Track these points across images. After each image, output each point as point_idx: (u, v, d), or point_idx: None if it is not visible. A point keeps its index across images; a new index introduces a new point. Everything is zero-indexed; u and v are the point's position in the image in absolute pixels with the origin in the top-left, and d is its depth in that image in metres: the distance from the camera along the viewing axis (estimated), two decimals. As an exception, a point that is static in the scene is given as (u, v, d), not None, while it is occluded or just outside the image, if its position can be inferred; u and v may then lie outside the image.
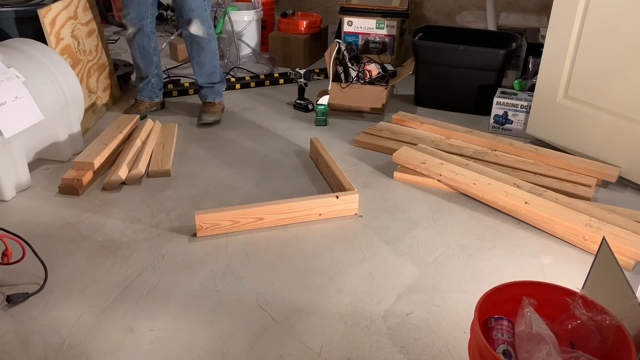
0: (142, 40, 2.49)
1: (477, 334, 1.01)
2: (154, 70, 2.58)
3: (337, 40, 2.83)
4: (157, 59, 2.58)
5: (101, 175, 2.11)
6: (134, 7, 2.41)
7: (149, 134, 2.32)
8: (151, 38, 2.51)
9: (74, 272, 1.60)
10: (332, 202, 1.85)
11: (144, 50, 2.51)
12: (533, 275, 1.62)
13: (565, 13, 2.13)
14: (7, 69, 1.94)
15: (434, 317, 1.46)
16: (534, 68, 2.69)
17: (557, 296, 1.11)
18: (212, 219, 1.75)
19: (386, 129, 2.45)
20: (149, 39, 2.50)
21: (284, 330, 1.41)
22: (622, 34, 1.99)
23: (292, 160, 2.27)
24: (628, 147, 2.06)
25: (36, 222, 1.83)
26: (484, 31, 3.05)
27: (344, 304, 1.50)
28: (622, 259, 1.63)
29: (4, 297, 1.49)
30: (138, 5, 2.40)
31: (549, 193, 1.91)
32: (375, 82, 2.66)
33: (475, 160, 2.17)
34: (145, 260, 1.66)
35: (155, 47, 2.55)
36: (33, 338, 1.38)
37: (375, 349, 1.36)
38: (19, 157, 1.96)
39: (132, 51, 2.54)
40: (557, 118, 2.28)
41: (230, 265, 1.65)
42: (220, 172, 2.16)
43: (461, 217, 1.89)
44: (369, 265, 1.65)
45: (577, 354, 1.00)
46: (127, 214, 1.88)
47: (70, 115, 2.18)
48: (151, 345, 1.36)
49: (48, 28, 2.21)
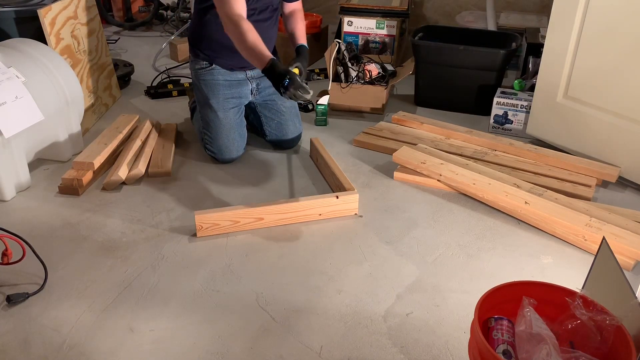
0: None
1: (477, 334, 1.01)
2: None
3: (337, 40, 2.83)
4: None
5: (101, 175, 2.11)
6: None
7: (149, 134, 2.32)
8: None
9: (74, 272, 1.60)
10: (332, 202, 1.85)
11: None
12: (533, 275, 1.62)
13: (565, 13, 2.13)
14: (7, 69, 1.94)
15: (434, 317, 1.46)
16: (534, 68, 2.69)
17: (557, 296, 1.11)
18: (212, 219, 1.75)
19: (386, 129, 2.45)
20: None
21: (284, 330, 1.41)
22: (622, 34, 1.99)
23: (292, 160, 2.27)
24: (628, 147, 2.06)
25: (36, 222, 1.83)
26: (484, 31, 3.05)
27: (344, 304, 1.50)
28: (622, 259, 1.63)
29: (4, 297, 1.49)
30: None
31: (549, 193, 1.91)
32: (375, 82, 2.66)
33: (475, 160, 2.17)
34: (145, 260, 1.66)
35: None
36: (33, 338, 1.38)
37: (375, 349, 1.36)
38: (19, 157, 1.96)
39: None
40: (557, 118, 2.28)
41: (230, 265, 1.65)
42: (220, 172, 2.16)
43: (461, 217, 1.89)
44: (369, 265, 1.65)
45: (577, 354, 1.00)
46: (127, 214, 1.88)
47: (70, 115, 2.18)
48: (151, 345, 1.36)
49: (48, 28, 2.21)
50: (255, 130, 2.38)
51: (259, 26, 2.05)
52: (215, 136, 2.16)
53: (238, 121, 2.20)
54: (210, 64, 2.16)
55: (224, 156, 2.19)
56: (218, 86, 2.16)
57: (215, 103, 2.15)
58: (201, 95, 2.20)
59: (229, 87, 2.18)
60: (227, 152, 2.18)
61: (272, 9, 2.14)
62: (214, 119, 2.16)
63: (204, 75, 2.16)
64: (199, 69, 2.18)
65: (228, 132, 2.16)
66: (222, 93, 2.17)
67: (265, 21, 2.13)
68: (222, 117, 2.15)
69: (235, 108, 2.19)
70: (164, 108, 2.73)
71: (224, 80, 2.17)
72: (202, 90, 2.19)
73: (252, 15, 2.04)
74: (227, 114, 2.15)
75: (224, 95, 2.17)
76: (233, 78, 2.18)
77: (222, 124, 2.15)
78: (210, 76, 2.16)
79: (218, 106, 2.16)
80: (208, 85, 2.16)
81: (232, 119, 2.17)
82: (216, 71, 2.16)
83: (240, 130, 2.20)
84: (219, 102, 2.16)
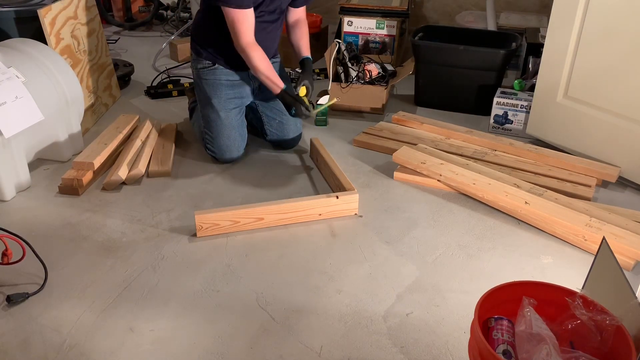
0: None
1: (477, 334, 1.01)
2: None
3: (337, 40, 2.83)
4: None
5: (101, 175, 2.11)
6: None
7: (149, 134, 2.32)
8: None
9: (74, 272, 1.60)
10: (332, 202, 1.85)
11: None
12: (533, 275, 1.62)
13: (565, 13, 2.13)
14: (7, 69, 1.94)
15: (434, 317, 1.46)
16: (534, 68, 2.69)
17: (557, 296, 1.11)
18: (212, 219, 1.75)
19: (386, 129, 2.45)
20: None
21: (284, 330, 1.41)
22: (622, 34, 1.99)
23: (292, 160, 2.27)
24: (628, 147, 2.06)
25: (36, 222, 1.83)
26: (484, 31, 3.05)
27: (344, 304, 1.50)
28: (622, 259, 1.63)
29: (4, 297, 1.49)
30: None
31: (549, 193, 1.91)
32: (375, 82, 2.66)
33: (475, 160, 2.17)
34: (145, 260, 1.66)
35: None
36: (33, 338, 1.38)
37: (375, 349, 1.36)
38: (19, 157, 1.96)
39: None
40: (557, 118, 2.28)
41: (230, 265, 1.65)
42: (220, 171, 2.16)
43: (461, 217, 1.89)
44: (369, 265, 1.65)
45: (577, 354, 1.00)
46: (127, 214, 1.88)
47: (70, 115, 2.18)
48: (151, 345, 1.36)
49: (48, 28, 2.21)
50: (255, 131, 2.38)
51: (267, 27, 2.11)
52: (216, 136, 2.16)
53: (239, 121, 2.20)
54: (213, 63, 2.15)
55: (224, 156, 2.19)
56: (220, 86, 2.16)
57: (217, 103, 2.15)
58: (203, 95, 2.20)
59: (231, 87, 2.18)
60: (227, 152, 2.18)
61: (279, 11, 2.15)
62: (215, 118, 2.15)
63: (206, 75, 2.16)
64: (201, 68, 2.18)
65: (229, 132, 2.16)
66: (224, 93, 2.16)
67: (273, 22, 2.14)
68: (224, 117, 2.15)
69: (237, 108, 2.19)
70: (164, 108, 2.73)
71: (226, 80, 2.17)
72: (203, 89, 2.19)
73: (262, 16, 2.07)
74: (228, 114, 2.15)
75: (226, 95, 2.17)
76: (235, 78, 2.18)
77: (224, 123, 2.15)
78: (213, 76, 2.16)
79: (220, 106, 2.16)
80: (210, 84, 2.16)
81: (234, 119, 2.17)
82: (219, 71, 2.16)
83: (241, 131, 2.20)
84: (221, 102, 2.16)
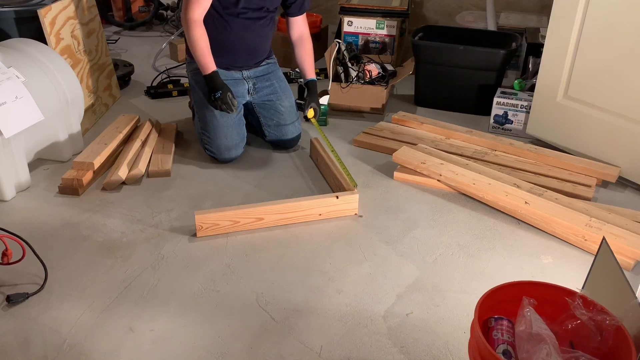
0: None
1: (477, 334, 1.01)
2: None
3: (337, 40, 2.83)
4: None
5: (101, 175, 2.11)
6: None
7: (149, 134, 2.32)
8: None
9: (74, 272, 1.60)
10: (332, 202, 1.85)
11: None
12: (533, 275, 1.62)
13: (565, 13, 2.13)
14: (7, 69, 1.94)
15: (434, 317, 1.46)
16: (534, 68, 2.69)
17: (557, 296, 1.11)
18: (212, 219, 1.75)
19: (386, 129, 2.45)
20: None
21: (284, 330, 1.41)
22: (622, 34, 1.99)
23: (292, 160, 2.27)
24: (628, 147, 2.06)
25: (36, 222, 1.83)
26: (484, 31, 3.05)
27: (344, 304, 1.50)
28: (622, 259, 1.63)
29: (4, 297, 1.49)
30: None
31: (549, 193, 1.91)
32: (375, 82, 2.66)
33: (475, 160, 2.17)
34: (145, 260, 1.66)
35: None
36: (33, 338, 1.38)
37: (375, 349, 1.36)
38: (19, 157, 1.96)
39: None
40: (557, 118, 2.28)
41: (230, 265, 1.65)
42: (220, 172, 2.16)
43: (461, 217, 1.89)
44: (369, 265, 1.65)
45: (577, 354, 1.00)
46: (127, 214, 1.88)
47: (70, 115, 2.18)
48: (151, 345, 1.36)
49: (48, 28, 2.21)
50: (255, 131, 2.38)
51: (251, 25, 2.13)
52: (214, 136, 2.16)
53: (236, 120, 2.19)
54: None
55: (223, 156, 2.18)
56: None
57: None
58: (198, 96, 2.20)
59: None
60: (226, 152, 2.18)
61: (266, 10, 2.15)
62: (211, 119, 2.15)
63: (200, 76, 2.15)
64: (195, 70, 2.17)
65: (227, 131, 2.16)
66: None
67: (258, 20, 2.15)
68: (220, 117, 2.14)
69: None
70: (164, 108, 2.73)
71: None
72: (198, 91, 2.18)
73: (245, 13, 2.09)
74: (225, 114, 2.15)
75: None
76: (229, 78, 2.18)
77: (220, 124, 2.15)
78: None
79: None
80: (204, 85, 2.15)
81: (230, 119, 2.16)
82: None
83: (239, 130, 2.20)
84: None
